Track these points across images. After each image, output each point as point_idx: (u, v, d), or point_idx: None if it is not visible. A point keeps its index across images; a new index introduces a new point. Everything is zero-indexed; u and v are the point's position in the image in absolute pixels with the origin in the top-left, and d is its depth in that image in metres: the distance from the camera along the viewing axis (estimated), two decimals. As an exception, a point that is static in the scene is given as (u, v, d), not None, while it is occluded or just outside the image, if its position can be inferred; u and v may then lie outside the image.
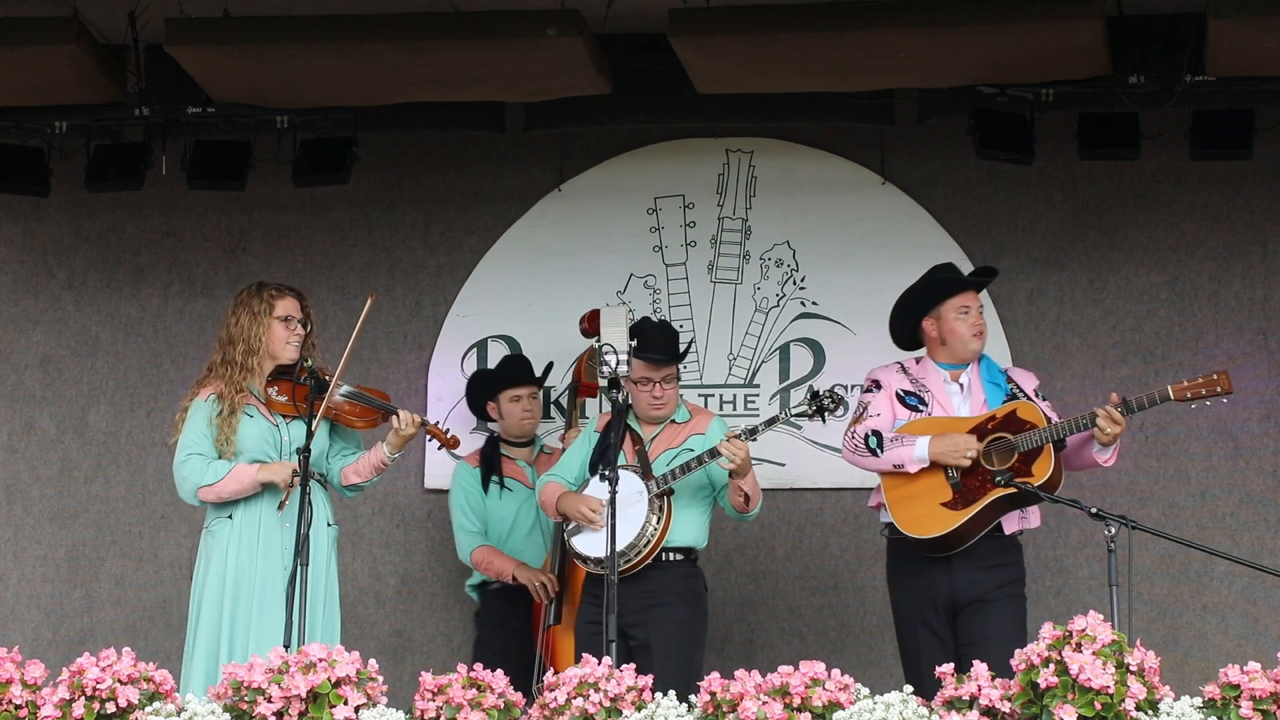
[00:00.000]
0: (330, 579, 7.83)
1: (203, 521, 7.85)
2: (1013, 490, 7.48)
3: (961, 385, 7.80)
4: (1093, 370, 9.16)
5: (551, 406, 9.25)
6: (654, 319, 8.34)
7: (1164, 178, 9.23)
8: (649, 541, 7.65)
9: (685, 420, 7.96)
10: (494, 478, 8.67)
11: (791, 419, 7.76)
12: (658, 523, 7.67)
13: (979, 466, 7.57)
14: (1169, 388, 7.54)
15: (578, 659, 7.64)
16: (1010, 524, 7.68)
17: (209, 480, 7.71)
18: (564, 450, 8.41)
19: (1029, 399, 7.72)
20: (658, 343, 7.90)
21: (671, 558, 7.74)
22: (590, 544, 7.69)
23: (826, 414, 7.66)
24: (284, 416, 7.83)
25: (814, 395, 7.65)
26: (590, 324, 8.75)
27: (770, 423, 7.75)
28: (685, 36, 8.15)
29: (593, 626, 7.58)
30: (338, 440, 7.94)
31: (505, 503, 8.64)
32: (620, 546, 7.48)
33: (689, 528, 7.78)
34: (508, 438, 8.79)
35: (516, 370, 8.83)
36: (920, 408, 7.74)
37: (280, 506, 7.66)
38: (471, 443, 8.97)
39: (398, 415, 7.80)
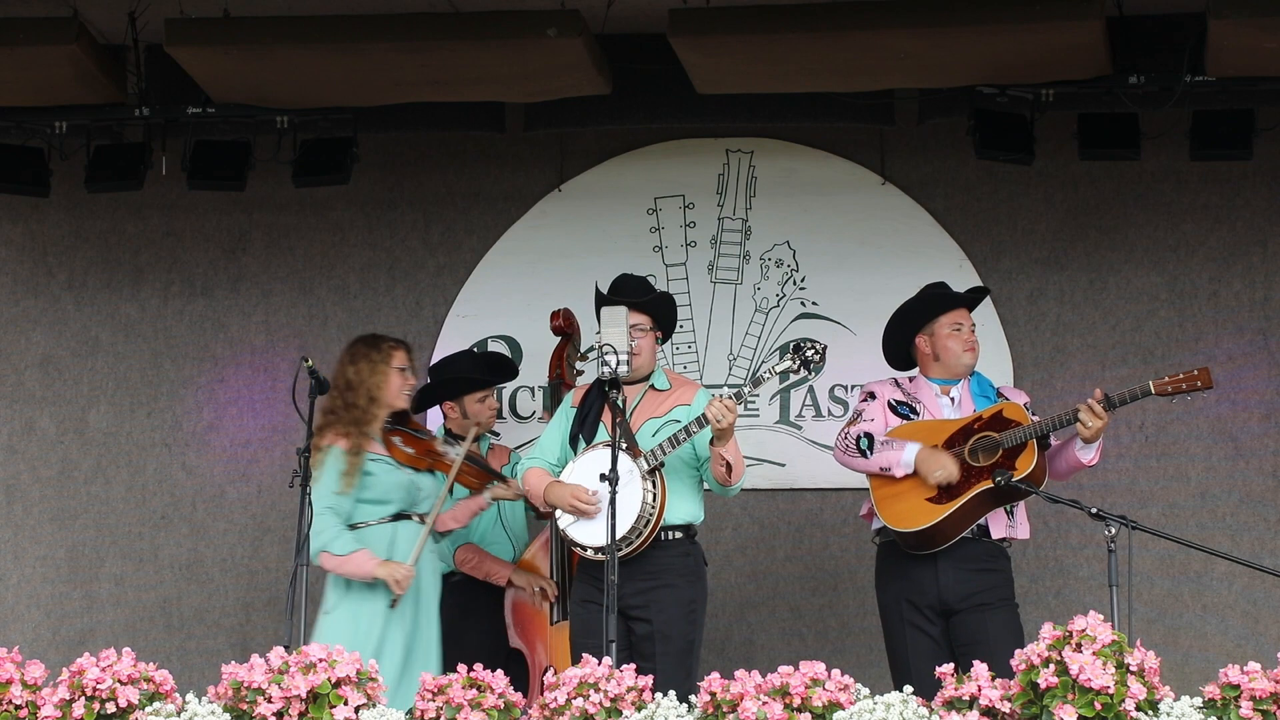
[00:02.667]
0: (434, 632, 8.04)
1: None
2: (999, 485, 7.55)
3: (953, 399, 7.89)
4: (1093, 370, 9.16)
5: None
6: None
7: (1164, 178, 9.23)
8: (648, 521, 7.52)
9: (666, 389, 7.80)
10: None
11: (777, 374, 7.67)
12: (654, 500, 7.52)
13: (968, 466, 7.64)
14: (1150, 383, 7.60)
15: (571, 637, 7.68)
16: (998, 529, 7.73)
17: (336, 550, 7.83)
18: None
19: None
20: (623, 288, 7.85)
21: (671, 536, 7.64)
22: (587, 533, 7.56)
23: (812, 366, 7.59)
24: (412, 468, 8.02)
25: (796, 348, 7.59)
26: (564, 321, 8.74)
27: (757, 383, 7.63)
28: (685, 36, 8.15)
29: (591, 605, 7.55)
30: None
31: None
32: (621, 530, 7.37)
33: (684, 503, 7.66)
34: (464, 435, 8.69)
35: (481, 372, 8.73)
36: (911, 416, 7.85)
37: (392, 604, 7.81)
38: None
39: (506, 483, 8.16)
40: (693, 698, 6.46)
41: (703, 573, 7.76)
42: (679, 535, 7.66)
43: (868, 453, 7.77)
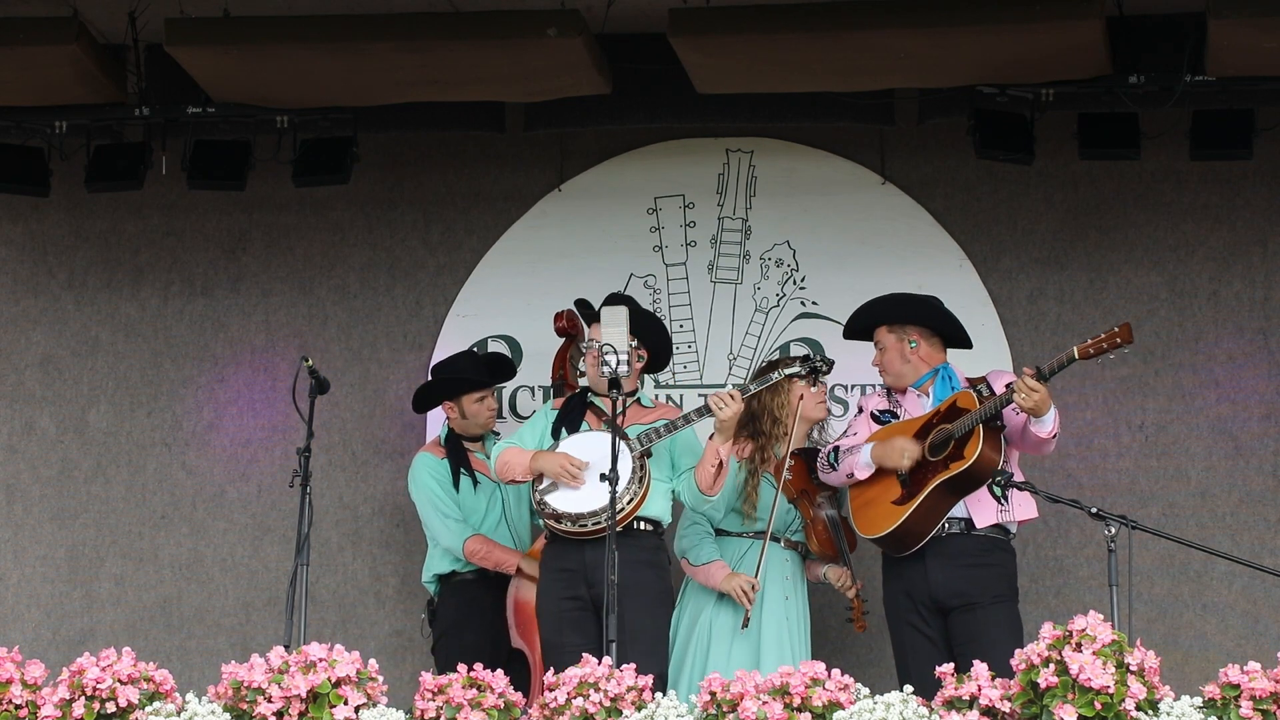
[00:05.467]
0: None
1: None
2: (952, 474, 7.63)
3: (930, 394, 7.97)
4: (1092, 370, 9.13)
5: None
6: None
7: (1164, 178, 9.23)
8: (632, 499, 7.58)
9: (650, 406, 7.98)
10: (462, 471, 8.61)
11: (785, 376, 7.72)
12: (639, 483, 7.60)
13: (926, 461, 7.70)
14: (1074, 348, 7.61)
15: (542, 637, 7.69)
16: (985, 517, 7.74)
17: (692, 559, 8.10)
18: None
19: (979, 393, 7.85)
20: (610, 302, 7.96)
21: (643, 526, 7.72)
22: (568, 500, 7.62)
23: (818, 375, 7.69)
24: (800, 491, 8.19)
25: (805, 358, 7.77)
26: (568, 322, 8.75)
27: (763, 383, 7.71)
28: (685, 36, 8.15)
29: (568, 602, 7.57)
30: None
31: (478, 496, 8.61)
32: (602, 501, 7.42)
33: (658, 500, 7.76)
34: (467, 434, 8.74)
35: (480, 373, 8.76)
36: (892, 422, 7.96)
37: (743, 625, 8.00)
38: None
39: (839, 573, 8.19)
40: (692, 697, 6.47)
41: (668, 569, 7.87)
42: (649, 529, 7.71)
43: (835, 465, 7.94)
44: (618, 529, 7.43)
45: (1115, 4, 8.29)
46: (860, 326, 8.14)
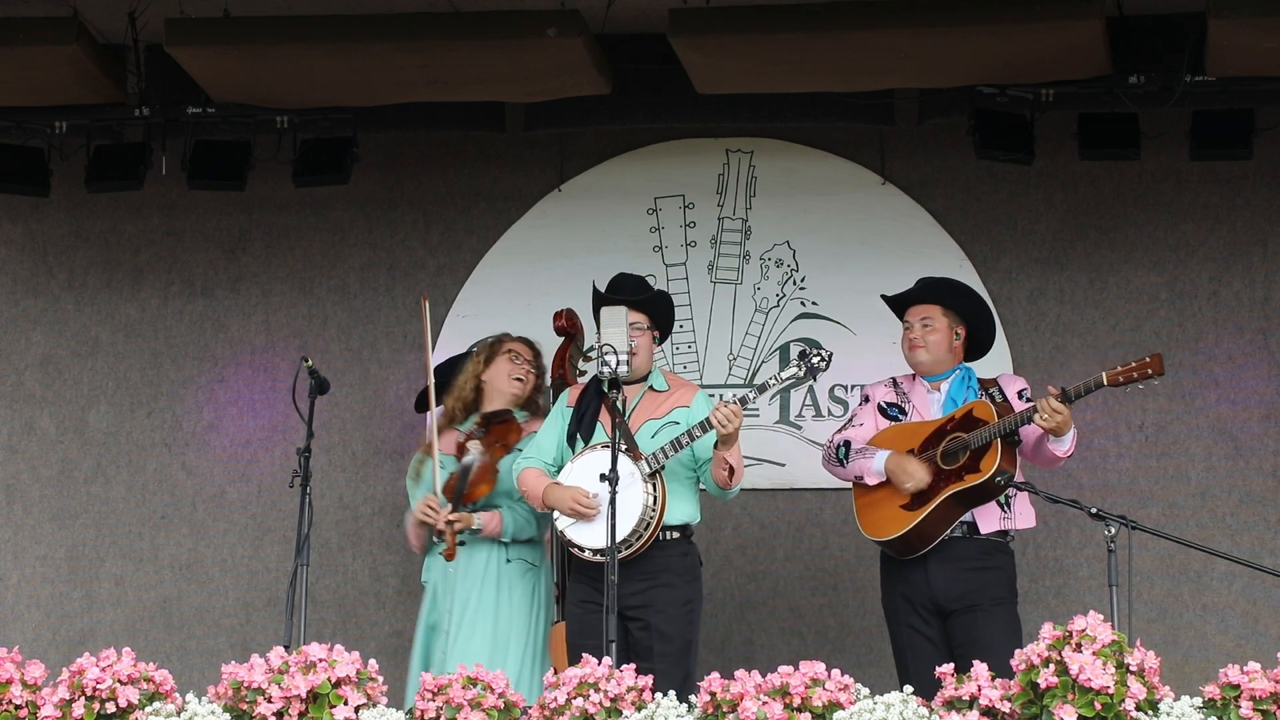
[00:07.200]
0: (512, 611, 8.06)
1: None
2: (966, 486, 7.56)
3: (941, 391, 7.88)
4: (1093, 370, 9.08)
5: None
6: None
7: (1164, 178, 9.24)
8: (649, 524, 7.51)
9: (665, 390, 7.81)
10: None
11: (783, 382, 7.67)
12: (654, 504, 7.52)
13: (939, 469, 7.65)
14: (1103, 374, 7.56)
15: (569, 637, 7.68)
16: (989, 523, 7.71)
17: None
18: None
19: (991, 398, 7.79)
20: (621, 286, 7.88)
21: (669, 536, 7.64)
22: (586, 535, 7.55)
23: (817, 373, 7.60)
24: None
25: (802, 354, 7.61)
26: (568, 322, 8.73)
27: (763, 389, 7.67)
28: (685, 36, 8.15)
29: (590, 605, 7.54)
30: None
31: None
32: (621, 534, 7.36)
33: (681, 504, 7.66)
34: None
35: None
36: (900, 417, 7.88)
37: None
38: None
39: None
40: (692, 698, 6.47)
41: (699, 572, 7.77)
42: (676, 535, 7.66)
43: (844, 461, 7.84)
44: (644, 549, 7.50)
45: (1115, 4, 8.29)
46: (920, 299, 7.93)
